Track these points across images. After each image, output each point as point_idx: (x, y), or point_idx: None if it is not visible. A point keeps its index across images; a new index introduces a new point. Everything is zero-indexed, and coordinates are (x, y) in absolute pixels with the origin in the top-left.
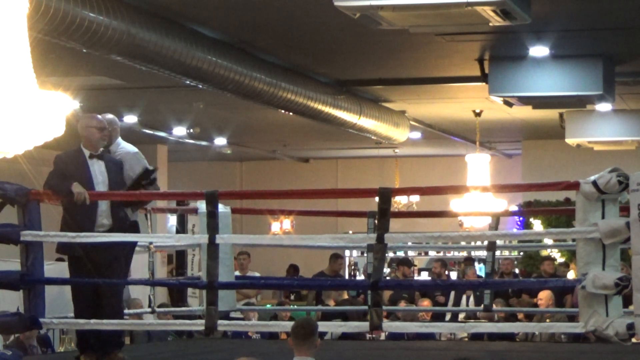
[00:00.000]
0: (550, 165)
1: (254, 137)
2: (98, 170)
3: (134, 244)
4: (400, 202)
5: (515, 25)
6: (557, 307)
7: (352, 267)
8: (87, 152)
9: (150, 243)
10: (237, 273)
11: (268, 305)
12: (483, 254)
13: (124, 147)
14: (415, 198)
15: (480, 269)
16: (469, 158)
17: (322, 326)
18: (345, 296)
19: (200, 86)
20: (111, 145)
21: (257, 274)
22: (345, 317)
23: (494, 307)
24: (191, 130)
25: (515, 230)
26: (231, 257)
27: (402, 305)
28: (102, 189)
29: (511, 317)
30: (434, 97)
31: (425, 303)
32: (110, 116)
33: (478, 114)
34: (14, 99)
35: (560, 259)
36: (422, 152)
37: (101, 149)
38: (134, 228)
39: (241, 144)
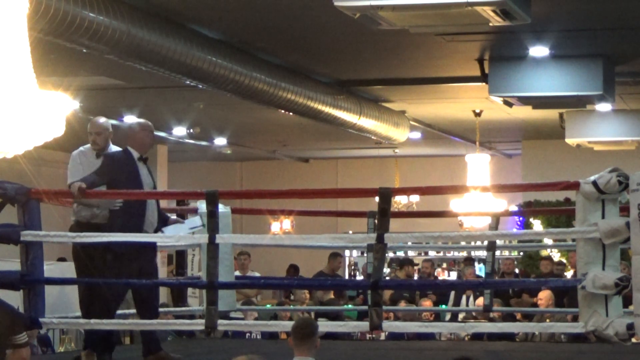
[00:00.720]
0: (550, 165)
1: (254, 137)
2: (144, 173)
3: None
4: (400, 202)
5: (515, 25)
6: (557, 307)
7: (352, 267)
8: (136, 155)
9: None
10: (237, 273)
11: (268, 306)
12: (483, 254)
13: (115, 147)
14: (415, 198)
15: (480, 269)
16: (469, 158)
17: (322, 326)
18: (331, 295)
19: (200, 86)
20: (106, 150)
21: (257, 274)
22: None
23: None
24: (191, 130)
25: (515, 230)
26: (231, 257)
27: (402, 305)
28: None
29: (509, 317)
30: (434, 97)
31: (427, 303)
32: (103, 119)
33: (478, 114)
34: (14, 99)
35: (559, 259)
36: (422, 152)
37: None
38: None
39: (241, 144)
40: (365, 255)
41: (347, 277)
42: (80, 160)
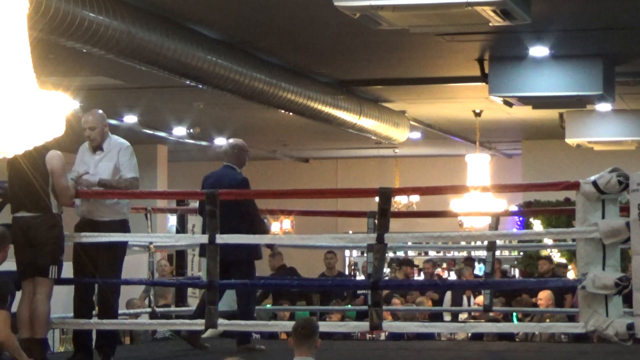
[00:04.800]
0: (550, 165)
1: (254, 137)
2: None
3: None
4: (400, 202)
5: (515, 25)
6: (557, 307)
7: (352, 267)
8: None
9: (150, 243)
10: None
11: (268, 306)
12: (483, 254)
13: (117, 139)
14: (415, 198)
15: (480, 269)
16: (469, 158)
17: (322, 326)
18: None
19: (200, 86)
20: (104, 142)
21: None
22: None
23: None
24: (191, 130)
25: (515, 230)
26: None
27: (396, 302)
28: None
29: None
30: (434, 97)
31: (428, 303)
32: (100, 112)
33: (478, 114)
34: (14, 99)
35: (560, 259)
36: (422, 152)
37: None
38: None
39: None
40: (365, 255)
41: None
42: (80, 155)
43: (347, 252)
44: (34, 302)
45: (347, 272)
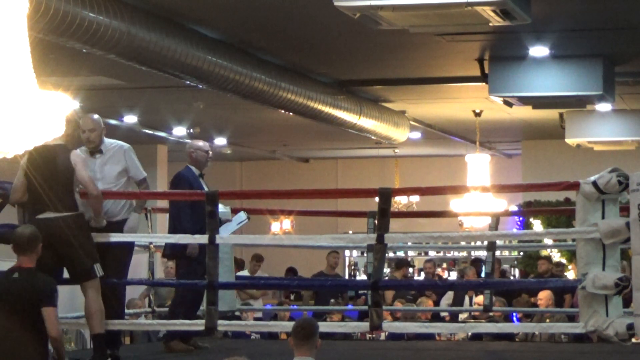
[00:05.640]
0: (550, 165)
1: (254, 137)
2: (205, 187)
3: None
4: (400, 202)
5: (515, 25)
6: (557, 307)
7: (352, 267)
8: (196, 172)
9: (150, 243)
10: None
11: (268, 305)
12: (483, 254)
13: (115, 142)
14: (415, 198)
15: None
16: (469, 158)
17: (323, 326)
18: None
19: (200, 86)
20: (102, 145)
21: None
22: None
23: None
24: (191, 130)
25: (515, 230)
26: (231, 257)
27: (399, 304)
28: None
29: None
30: (434, 97)
31: (429, 303)
32: (96, 116)
33: (478, 114)
34: (14, 99)
35: (559, 259)
36: (422, 152)
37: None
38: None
39: (241, 144)
40: (365, 255)
41: (347, 277)
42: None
43: (347, 252)
44: (87, 302)
45: (347, 272)
